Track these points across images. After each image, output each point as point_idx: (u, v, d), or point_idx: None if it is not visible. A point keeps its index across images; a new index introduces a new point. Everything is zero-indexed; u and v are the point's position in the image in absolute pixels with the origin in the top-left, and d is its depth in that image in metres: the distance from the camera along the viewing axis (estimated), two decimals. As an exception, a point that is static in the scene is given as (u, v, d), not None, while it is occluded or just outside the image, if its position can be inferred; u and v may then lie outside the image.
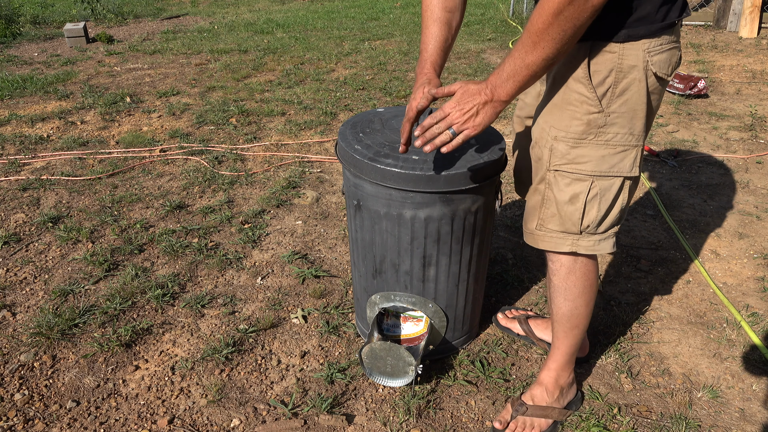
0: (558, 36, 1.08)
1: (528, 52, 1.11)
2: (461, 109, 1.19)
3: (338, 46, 5.98)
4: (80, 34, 6.10)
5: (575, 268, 1.41)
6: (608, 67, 1.18)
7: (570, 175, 1.27)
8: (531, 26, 1.10)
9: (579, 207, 1.28)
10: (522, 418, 1.53)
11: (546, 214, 1.33)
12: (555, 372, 1.56)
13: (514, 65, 1.14)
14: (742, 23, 5.84)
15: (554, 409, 1.55)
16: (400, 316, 1.72)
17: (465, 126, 1.20)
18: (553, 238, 1.36)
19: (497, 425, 1.54)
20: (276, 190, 2.85)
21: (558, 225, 1.33)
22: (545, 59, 1.12)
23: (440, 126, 1.21)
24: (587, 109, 1.21)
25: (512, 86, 1.16)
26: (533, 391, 1.58)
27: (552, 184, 1.29)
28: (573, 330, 1.49)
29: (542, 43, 1.09)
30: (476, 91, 1.19)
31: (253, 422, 1.58)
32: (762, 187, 2.86)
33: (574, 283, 1.42)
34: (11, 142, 3.46)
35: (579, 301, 1.44)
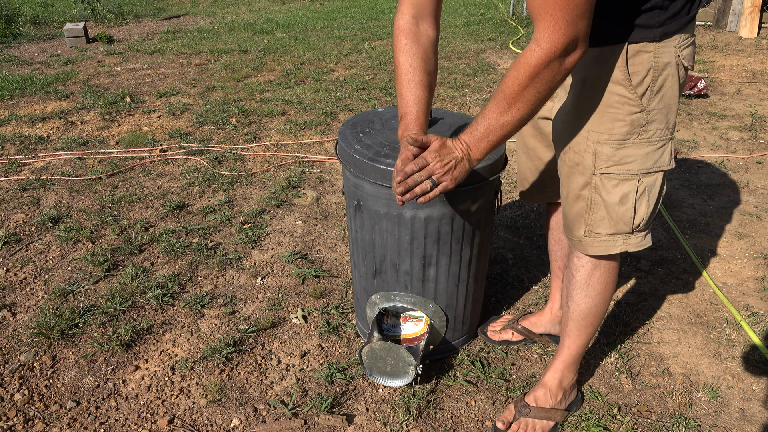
0: (533, 98, 1.12)
1: (503, 112, 1.14)
2: (441, 161, 1.21)
3: (338, 46, 5.98)
4: (80, 34, 6.10)
5: (600, 264, 1.40)
6: (646, 67, 1.19)
7: (617, 177, 1.27)
8: (506, 88, 1.13)
9: (630, 206, 1.29)
10: (525, 420, 1.53)
11: (594, 218, 1.32)
12: (560, 372, 1.55)
13: (488, 125, 1.17)
14: (742, 23, 5.84)
15: (557, 411, 1.55)
16: (400, 316, 1.72)
17: (444, 178, 1.21)
18: (604, 242, 1.34)
19: (500, 425, 1.53)
20: (276, 190, 2.86)
21: (609, 228, 1.32)
22: (520, 119, 1.15)
23: (422, 174, 1.21)
24: (629, 110, 1.22)
25: (486, 146, 1.20)
26: (536, 392, 1.57)
27: (599, 188, 1.29)
28: (587, 328, 1.48)
29: (518, 105, 1.13)
30: (453, 147, 1.21)
31: (253, 422, 1.58)
32: (762, 187, 2.86)
33: (598, 280, 1.42)
34: (11, 142, 3.46)
35: (599, 298, 1.44)
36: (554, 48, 1.05)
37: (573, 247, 1.42)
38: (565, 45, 1.05)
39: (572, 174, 1.32)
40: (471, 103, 4.14)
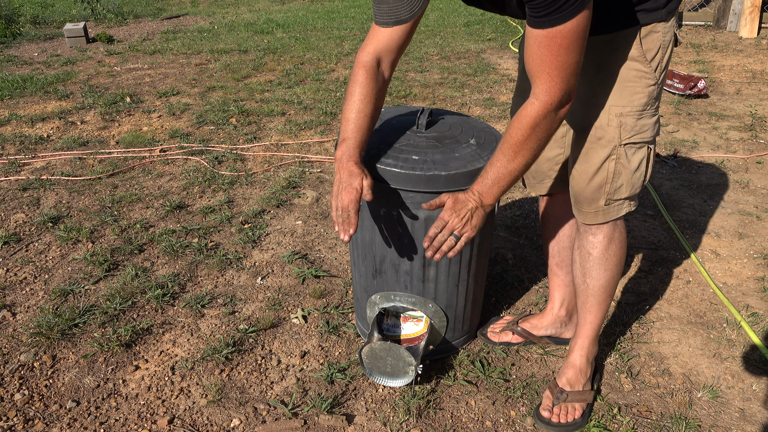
0: (535, 145, 1.29)
1: (510, 161, 1.30)
2: (458, 216, 1.34)
3: (338, 46, 5.98)
4: (80, 34, 6.10)
5: (614, 236, 1.51)
6: (657, 45, 1.34)
7: (635, 145, 1.40)
8: (510, 138, 1.28)
9: (642, 171, 1.43)
10: (564, 405, 1.61)
11: (614, 186, 1.43)
12: (586, 349, 1.64)
13: (497, 173, 1.32)
14: (742, 23, 5.84)
15: (589, 392, 1.65)
16: (400, 316, 1.72)
17: (464, 230, 1.35)
18: (618, 207, 1.46)
19: (545, 414, 1.60)
20: (276, 190, 2.86)
21: (626, 192, 1.44)
22: (525, 165, 1.32)
23: (444, 234, 1.34)
24: (646, 83, 1.35)
25: (497, 191, 1.34)
26: (568, 374, 1.65)
27: (622, 157, 1.40)
28: (607, 299, 1.59)
29: (522, 152, 1.29)
30: (466, 199, 1.35)
31: (253, 422, 1.58)
32: (762, 187, 2.86)
33: (614, 252, 1.53)
34: (11, 142, 3.46)
35: (616, 270, 1.55)
36: (551, 101, 1.22)
37: (586, 221, 1.51)
38: (560, 98, 1.23)
39: (593, 149, 1.42)
40: (471, 103, 4.14)
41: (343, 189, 1.39)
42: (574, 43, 1.19)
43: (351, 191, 1.37)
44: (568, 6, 1.14)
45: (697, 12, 6.37)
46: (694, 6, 6.54)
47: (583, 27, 1.18)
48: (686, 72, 4.51)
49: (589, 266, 1.55)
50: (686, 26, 6.31)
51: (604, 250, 1.52)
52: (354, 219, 1.38)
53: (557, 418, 1.59)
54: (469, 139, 1.59)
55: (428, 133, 1.62)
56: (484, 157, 1.50)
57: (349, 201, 1.37)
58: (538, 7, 1.16)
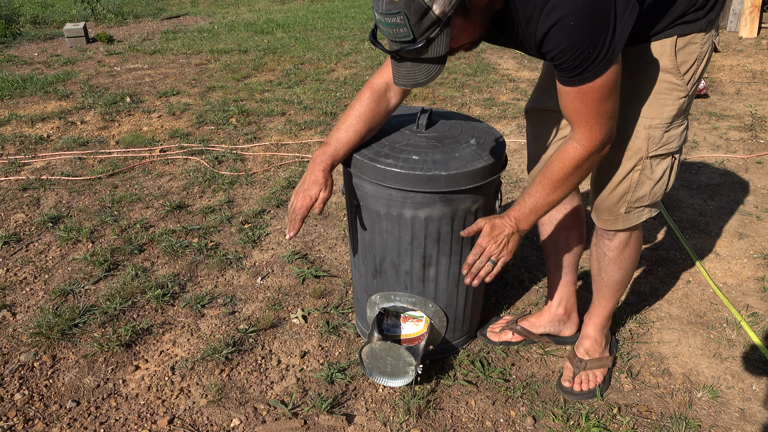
0: (576, 181, 1.34)
1: (549, 193, 1.35)
2: (495, 242, 1.37)
3: (338, 46, 5.98)
4: (80, 34, 6.10)
5: (630, 241, 1.55)
6: (693, 57, 1.33)
7: (661, 157, 1.41)
8: (552, 174, 1.33)
9: (665, 180, 1.45)
10: (584, 373, 1.68)
11: (636, 195, 1.45)
12: (600, 325, 1.71)
13: (536, 203, 1.37)
14: (742, 23, 5.84)
15: (607, 358, 1.73)
16: (400, 316, 1.72)
17: (501, 255, 1.38)
18: (638, 214, 1.48)
19: (566, 384, 1.67)
20: (276, 190, 2.85)
21: (648, 200, 1.46)
22: (564, 196, 1.38)
23: (482, 260, 1.38)
24: (677, 95, 1.35)
25: (534, 218, 1.39)
26: (584, 345, 1.72)
27: (647, 168, 1.41)
28: (621, 290, 1.65)
29: (563, 187, 1.35)
30: (502, 225, 1.38)
31: (253, 422, 1.58)
32: (762, 187, 2.86)
33: (629, 254, 1.57)
34: (11, 142, 3.46)
35: (631, 268, 1.61)
36: (593, 146, 1.27)
37: (605, 227, 1.53)
38: (602, 142, 1.28)
39: (618, 160, 1.42)
40: (471, 103, 4.14)
41: (302, 191, 1.48)
42: (607, 94, 1.21)
43: (306, 197, 1.46)
44: (596, 65, 1.16)
45: (697, 12, 6.37)
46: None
47: (614, 79, 1.20)
48: (686, 72, 4.51)
49: (604, 264, 1.61)
50: (686, 26, 6.31)
51: (619, 253, 1.57)
52: (298, 225, 1.47)
53: (579, 387, 1.66)
54: (470, 139, 1.59)
55: (428, 133, 1.62)
56: (484, 157, 1.50)
57: (301, 206, 1.46)
58: (567, 69, 1.19)
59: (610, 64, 1.16)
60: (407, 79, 1.24)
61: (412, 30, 1.11)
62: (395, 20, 1.10)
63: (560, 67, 1.19)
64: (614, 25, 1.12)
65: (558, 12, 1.11)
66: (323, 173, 1.48)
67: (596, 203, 1.53)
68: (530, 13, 1.16)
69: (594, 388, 1.66)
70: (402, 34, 1.12)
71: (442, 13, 1.09)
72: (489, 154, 1.52)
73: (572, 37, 1.13)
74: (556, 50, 1.16)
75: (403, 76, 1.24)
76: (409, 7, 1.08)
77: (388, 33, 1.14)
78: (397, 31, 1.12)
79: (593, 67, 1.16)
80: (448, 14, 1.09)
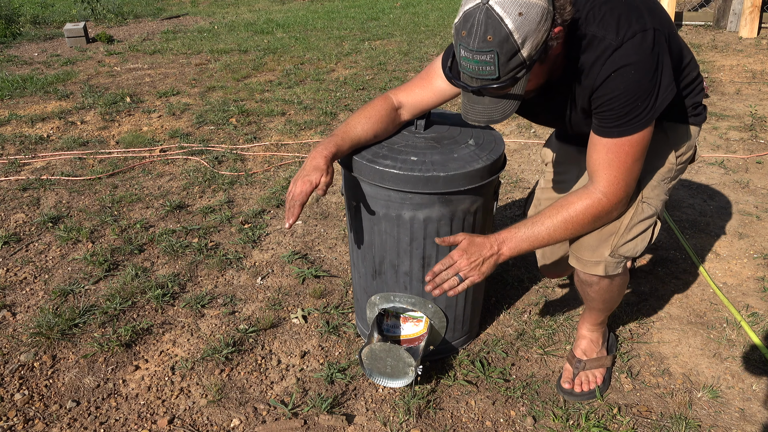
0: (590, 228, 1.38)
1: (558, 231, 1.36)
2: (468, 259, 1.34)
3: (338, 46, 5.98)
4: (80, 34, 6.10)
5: (615, 280, 1.53)
6: (689, 145, 1.50)
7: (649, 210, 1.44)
8: (568, 215, 1.34)
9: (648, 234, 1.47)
10: (583, 373, 1.68)
11: (625, 239, 1.44)
12: (594, 325, 1.71)
13: (537, 233, 1.36)
14: (742, 23, 5.84)
15: (606, 357, 1.73)
16: (400, 316, 1.72)
17: (471, 273, 1.34)
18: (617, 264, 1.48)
19: (566, 385, 1.66)
20: (276, 190, 2.85)
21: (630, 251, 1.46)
22: (570, 237, 1.39)
23: (449, 273, 1.34)
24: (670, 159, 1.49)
25: (526, 247, 1.37)
26: (581, 345, 1.72)
27: (639, 212, 1.44)
28: (611, 308, 1.66)
29: (575, 230, 1.37)
30: (482, 244, 1.35)
31: (253, 422, 1.58)
32: (762, 187, 2.86)
33: (614, 289, 1.56)
34: (11, 142, 3.46)
35: (619, 297, 1.62)
36: (618, 200, 1.35)
37: (585, 269, 1.49)
38: (624, 200, 1.36)
39: None
40: (471, 103, 4.14)
41: (301, 177, 1.41)
42: (641, 152, 1.30)
43: (306, 183, 1.39)
44: (639, 119, 1.25)
45: (697, 12, 6.37)
46: (694, 6, 6.54)
47: (648, 139, 1.29)
48: (686, 72, 4.50)
49: (589, 296, 1.60)
50: (686, 26, 6.30)
51: (604, 291, 1.56)
52: (297, 211, 1.39)
53: (579, 388, 1.66)
54: (468, 140, 1.59)
55: (427, 133, 1.62)
56: (482, 158, 1.50)
57: (300, 192, 1.39)
58: (612, 118, 1.27)
59: (649, 122, 1.27)
60: (482, 116, 1.26)
61: (498, 69, 1.16)
62: (485, 58, 1.15)
63: (606, 114, 1.27)
64: (659, 89, 1.25)
65: (624, 60, 1.21)
66: (324, 160, 1.42)
67: (578, 241, 1.48)
68: (594, 60, 1.25)
69: (594, 389, 1.66)
70: (487, 72, 1.17)
71: (529, 56, 1.15)
72: (488, 155, 1.52)
73: (629, 85, 1.22)
74: (611, 95, 1.24)
75: (479, 113, 1.26)
76: (502, 48, 1.13)
77: (473, 70, 1.18)
78: (483, 69, 1.16)
79: (636, 121, 1.25)
80: (534, 58, 1.16)
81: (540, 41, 1.14)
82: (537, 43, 1.14)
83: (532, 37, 1.13)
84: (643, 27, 1.22)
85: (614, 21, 1.23)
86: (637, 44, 1.21)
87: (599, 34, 1.24)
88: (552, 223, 1.35)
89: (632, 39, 1.22)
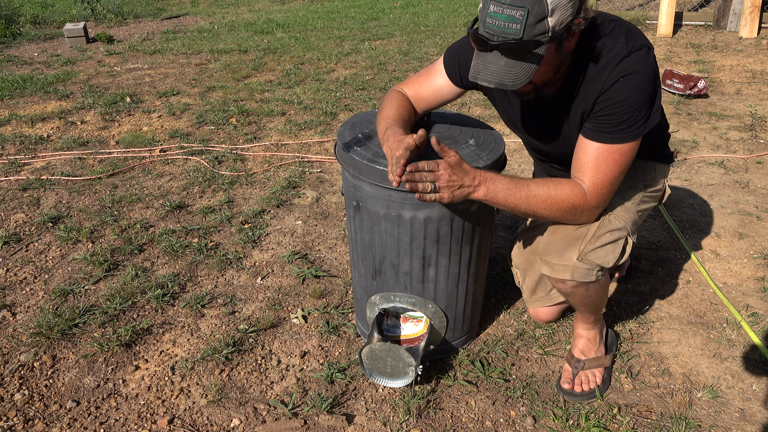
0: (562, 217, 1.40)
1: (535, 200, 1.35)
2: (450, 176, 1.31)
3: (338, 46, 5.98)
4: (80, 34, 6.10)
5: (591, 287, 1.51)
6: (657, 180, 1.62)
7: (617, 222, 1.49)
8: (554, 193, 1.35)
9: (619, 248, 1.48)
10: (583, 373, 1.67)
11: (593, 246, 1.46)
12: (589, 324, 1.71)
13: (517, 192, 1.34)
14: (742, 23, 5.84)
15: (605, 356, 1.73)
16: (400, 316, 1.72)
17: (443, 190, 1.31)
18: (589, 271, 1.47)
19: (566, 386, 1.66)
20: (276, 190, 2.86)
21: (599, 259, 1.47)
22: (543, 218, 1.40)
23: (428, 176, 1.30)
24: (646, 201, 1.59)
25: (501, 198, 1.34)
26: (579, 345, 1.72)
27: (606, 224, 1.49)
28: (599, 308, 1.66)
29: (551, 210, 1.37)
30: (467, 171, 1.33)
31: (253, 422, 1.58)
32: (762, 187, 2.86)
33: (593, 294, 1.55)
34: (11, 142, 3.46)
35: (601, 300, 1.61)
36: (597, 202, 1.39)
37: (555, 274, 1.48)
38: (602, 205, 1.40)
39: None
40: (471, 103, 4.14)
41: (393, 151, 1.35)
42: (626, 163, 1.36)
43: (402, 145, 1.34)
44: (633, 129, 1.31)
45: (697, 12, 6.37)
46: (694, 6, 6.54)
47: (634, 153, 1.36)
48: (686, 72, 4.51)
49: (571, 302, 1.61)
50: (686, 26, 6.30)
51: (582, 297, 1.54)
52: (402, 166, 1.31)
53: (579, 388, 1.65)
54: (468, 140, 1.59)
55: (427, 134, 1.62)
56: (483, 158, 1.50)
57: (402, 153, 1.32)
58: (610, 124, 1.31)
59: (640, 135, 1.33)
60: (494, 77, 1.24)
61: (524, 29, 1.17)
62: (515, 14, 1.15)
63: (606, 118, 1.32)
64: (654, 106, 1.33)
65: (633, 67, 1.28)
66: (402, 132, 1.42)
67: (545, 245, 1.48)
68: (604, 65, 1.31)
69: (594, 389, 1.66)
70: (513, 30, 1.17)
71: (554, 27, 1.18)
72: (488, 155, 1.52)
73: (635, 91, 1.29)
74: (617, 99, 1.30)
75: (492, 73, 1.24)
76: (534, 7, 1.15)
77: (498, 26, 1.18)
78: (510, 26, 1.17)
79: (631, 130, 1.31)
80: (557, 32, 1.19)
81: (565, 19, 1.18)
82: (563, 20, 1.18)
83: (560, 10, 1.17)
84: (647, 44, 1.33)
85: (623, 35, 1.32)
86: (644, 56, 1.30)
87: (609, 43, 1.31)
88: (535, 191, 1.35)
89: (639, 51, 1.30)
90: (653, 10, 6.41)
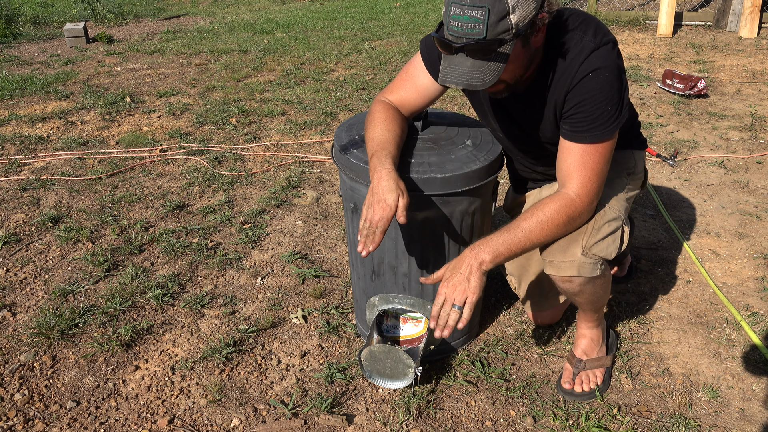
0: (564, 230, 1.39)
1: (534, 233, 1.35)
2: (453, 285, 1.31)
3: (338, 46, 5.98)
4: (80, 34, 6.10)
5: (597, 282, 1.50)
6: (637, 166, 1.65)
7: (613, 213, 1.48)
8: (544, 216, 1.34)
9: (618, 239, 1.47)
10: (584, 373, 1.68)
11: (595, 239, 1.45)
12: (592, 323, 1.70)
13: (514, 237, 1.34)
14: (742, 23, 5.84)
15: (606, 357, 1.73)
16: (400, 317, 1.72)
17: (463, 297, 1.30)
18: (593, 266, 1.46)
19: (566, 385, 1.66)
20: (276, 190, 2.86)
21: (602, 252, 1.46)
22: (548, 241, 1.39)
23: (445, 309, 1.31)
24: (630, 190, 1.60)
25: (505, 251, 1.33)
26: (581, 345, 1.72)
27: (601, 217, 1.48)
28: (603, 304, 1.65)
29: (550, 231, 1.36)
30: (458, 264, 1.33)
31: (253, 422, 1.58)
32: (762, 187, 2.86)
33: (599, 290, 1.54)
34: (11, 142, 3.46)
35: (606, 294, 1.61)
36: (590, 201, 1.38)
37: (559, 272, 1.46)
38: (594, 201, 1.40)
39: None
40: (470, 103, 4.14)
41: (376, 202, 1.32)
42: (608, 158, 1.37)
43: (385, 208, 1.31)
44: (606, 125, 1.32)
45: (697, 12, 6.37)
46: (694, 6, 6.53)
47: (613, 148, 1.38)
48: (686, 72, 4.51)
49: (577, 301, 1.60)
50: (686, 26, 6.30)
51: (589, 294, 1.53)
52: (379, 237, 1.33)
53: (580, 388, 1.65)
54: (465, 140, 1.59)
55: (424, 134, 1.62)
56: (480, 158, 1.50)
57: (380, 218, 1.32)
58: (583, 122, 1.32)
59: (615, 129, 1.34)
60: (462, 78, 1.24)
61: (487, 29, 1.16)
62: (476, 14, 1.15)
63: (579, 116, 1.33)
64: (623, 101, 1.34)
65: (600, 62, 1.29)
66: (391, 176, 1.34)
67: (549, 246, 1.46)
68: (573, 57, 1.31)
69: (594, 389, 1.66)
70: (475, 30, 1.17)
71: (517, 23, 1.18)
72: (485, 155, 1.52)
73: (603, 87, 1.30)
74: (585, 95, 1.31)
75: (459, 75, 1.24)
76: (494, 5, 1.15)
77: (461, 28, 1.18)
78: (472, 27, 1.17)
79: (606, 126, 1.32)
80: (520, 29, 1.19)
81: (528, 14, 1.18)
82: (526, 15, 1.18)
83: (522, 6, 1.16)
84: (613, 39, 1.34)
85: (591, 29, 1.33)
86: (609, 51, 1.31)
87: (577, 36, 1.32)
88: (528, 226, 1.34)
89: (606, 46, 1.31)
90: (653, 10, 6.40)
